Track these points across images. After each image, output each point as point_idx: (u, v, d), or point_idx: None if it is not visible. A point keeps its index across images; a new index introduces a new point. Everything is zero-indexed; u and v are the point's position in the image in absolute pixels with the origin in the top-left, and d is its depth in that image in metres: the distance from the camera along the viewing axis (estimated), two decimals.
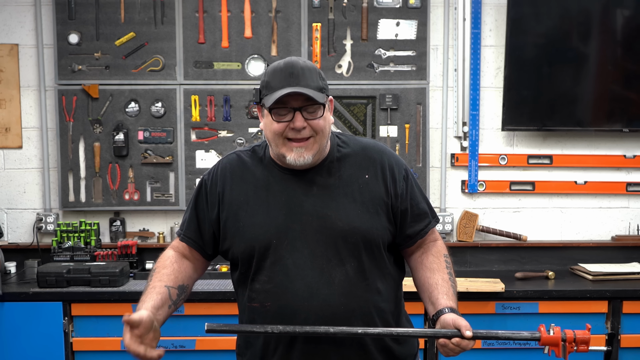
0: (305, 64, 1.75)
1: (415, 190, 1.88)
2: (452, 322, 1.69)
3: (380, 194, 1.81)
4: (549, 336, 1.68)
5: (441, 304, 1.76)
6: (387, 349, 1.83)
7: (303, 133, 1.72)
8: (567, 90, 3.60)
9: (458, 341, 1.66)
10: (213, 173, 1.88)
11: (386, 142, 3.60)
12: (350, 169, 1.82)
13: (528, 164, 3.69)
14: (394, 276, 1.88)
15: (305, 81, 1.71)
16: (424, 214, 1.88)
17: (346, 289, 1.75)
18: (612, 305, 3.16)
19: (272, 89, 1.72)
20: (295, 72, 1.71)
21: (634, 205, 3.74)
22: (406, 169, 1.89)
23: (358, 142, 1.89)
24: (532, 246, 3.70)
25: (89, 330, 3.14)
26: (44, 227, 3.63)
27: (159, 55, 3.57)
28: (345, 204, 1.78)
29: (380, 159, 1.85)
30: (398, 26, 3.58)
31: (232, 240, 1.82)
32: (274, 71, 1.75)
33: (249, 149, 1.91)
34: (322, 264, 1.75)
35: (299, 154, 1.73)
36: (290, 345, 1.78)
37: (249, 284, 1.81)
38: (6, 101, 3.64)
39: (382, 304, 1.81)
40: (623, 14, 3.57)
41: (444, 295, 1.78)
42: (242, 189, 1.82)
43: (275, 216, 1.77)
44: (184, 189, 3.60)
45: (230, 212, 1.82)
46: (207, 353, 3.13)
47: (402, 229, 1.86)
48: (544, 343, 1.69)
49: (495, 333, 1.74)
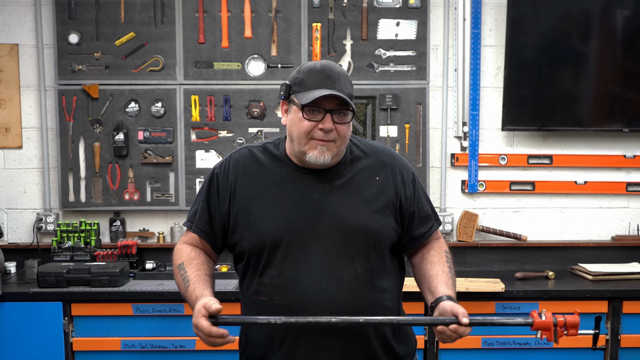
0: (342, 70, 1.82)
1: (421, 194, 1.97)
2: (450, 309, 1.73)
3: (390, 195, 1.87)
4: (541, 321, 1.73)
5: (440, 292, 1.81)
6: (388, 345, 1.87)
7: (330, 135, 1.76)
8: (567, 90, 3.60)
9: (455, 328, 1.71)
10: (225, 165, 1.89)
11: (386, 142, 3.60)
12: (362, 171, 1.87)
13: (528, 164, 3.69)
14: (397, 276, 1.94)
15: (340, 86, 1.77)
16: (428, 217, 1.96)
17: (354, 286, 1.80)
18: (612, 305, 3.17)
19: (306, 88, 1.76)
20: (333, 75, 1.77)
21: (634, 205, 3.74)
22: (413, 173, 1.97)
23: (369, 145, 1.95)
24: (532, 246, 3.70)
25: (89, 330, 3.14)
26: (44, 227, 3.63)
27: (159, 55, 3.57)
28: (357, 204, 1.82)
29: (391, 163, 1.92)
30: (398, 26, 3.58)
31: (242, 233, 1.84)
32: (311, 71, 1.78)
33: (260, 145, 1.93)
34: (332, 261, 1.79)
35: (321, 152, 1.77)
36: (296, 339, 1.80)
37: (257, 277, 1.83)
38: (6, 101, 3.64)
39: (387, 302, 1.86)
40: (623, 14, 3.56)
41: (443, 284, 1.84)
42: (255, 183, 1.85)
43: (288, 212, 1.80)
44: (184, 189, 3.60)
45: (241, 205, 1.84)
46: (207, 353, 3.12)
47: (408, 231, 1.92)
48: (537, 328, 1.74)
49: (491, 319, 1.81)
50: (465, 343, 3.13)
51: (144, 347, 3.13)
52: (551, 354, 3.18)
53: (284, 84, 1.83)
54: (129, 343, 3.13)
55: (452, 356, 3.17)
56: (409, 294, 3.03)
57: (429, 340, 3.14)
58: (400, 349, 1.90)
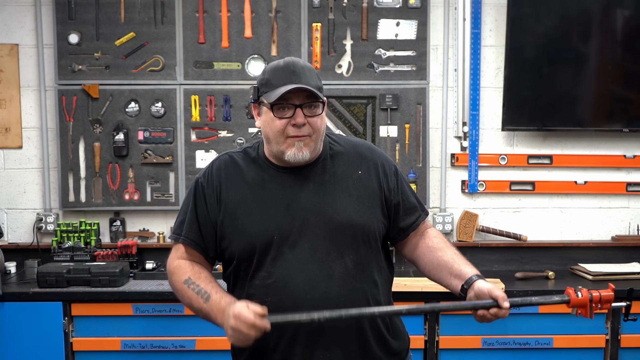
0: (305, 64, 1.82)
1: (405, 185, 1.97)
2: (489, 292, 1.73)
3: (374, 188, 1.88)
4: (578, 298, 1.77)
5: (467, 272, 1.82)
6: (384, 340, 1.88)
7: (303, 130, 1.77)
8: (567, 90, 3.60)
9: (496, 311, 1.72)
10: (208, 174, 1.89)
11: (386, 142, 3.60)
12: (343, 166, 1.88)
13: (528, 164, 3.69)
14: (387, 271, 1.94)
15: (307, 79, 1.77)
16: (414, 208, 1.96)
17: (346, 280, 1.80)
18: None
19: (273, 86, 1.77)
20: (297, 70, 1.77)
21: (634, 205, 3.74)
22: (395, 165, 1.97)
23: (348, 140, 1.96)
24: (532, 246, 3.70)
25: (89, 330, 3.14)
26: (44, 227, 3.63)
27: (159, 55, 3.57)
28: (342, 199, 1.83)
29: (372, 156, 1.92)
30: (398, 26, 3.58)
31: (230, 239, 1.84)
32: (275, 69, 1.80)
33: (240, 150, 1.94)
34: (322, 257, 1.79)
35: (299, 148, 1.77)
36: (292, 338, 1.79)
37: (248, 281, 1.83)
38: (6, 101, 3.64)
39: (378, 296, 1.86)
40: (623, 14, 3.56)
41: (465, 265, 1.85)
42: (238, 189, 1.85)
43: (274, 213, 1.80)
44: (184, 189, 3.60)
45: (227, 211, 1.84)
46: (207, 353, 3.13)
47: (395, 222, 1.93)
48: (574, 305, 1.78)
49: (530, 300, 1.82)
50: (465, 343, 3.16)
51: (144, 347, 3.13)
52: (551, 354, 3.17)
53: (252, 87, 1.84)
54: (129, 343, 3.13)
55: (452, 356, 3.17)
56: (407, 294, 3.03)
57: (429, 340, 3.14)
58: (395, 345, 1.91)
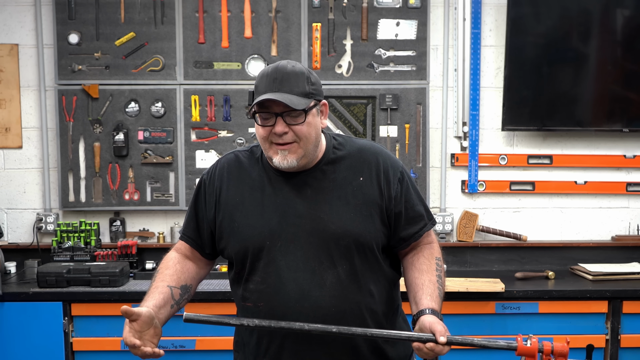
0: (293, 69, 1.73)
1: (411, 192, 1.87)
2: (429, 325, 1.66)
3: (374, 196, 1.80)
4: (526, 347, 1.62)
5: (423, 304, 1.74)
6: (379, 350, 1.83)
7: (285, 138, 1.71)
8: (567, 90, 3.60)
9: (432, 346, 1.63)
10: (211, 173, 1.89)
11: (386, 142, 3.60)
12: (344, 171, 1.81)
13: (528, 164, 3.69)
14: (389, 278, 1.87)
15: (289, 87, 1.70)
16: (419, 217, 1.87)
17: (337, 291, 1.75)
18: (612, 305, 3.16)
19: (258, 93, 1.73)
20: (279, 77, 1.71)
21: (634, 205, 3.74)
22: (402, 171, 1.87)
23: (354, 143, 1.88)
24: (532, 246, 3.70)
25: (89, 330, 3.14)
26: (44, 227, 3.63)
27: (159, 55, 3.57)
28: (339, 207, 1.78)
29: (376, 161, 1.84)
30: (398, 26, 3.58)
31: (227, 240, 1.83)
32: (262, 75, 1.75)
33: (247, 149, 1.91)
34: (314, 266, 1.75)
35: (283, 156, 1.73)
36: (281, 345, 1.78)
37: (243, 283, 1.83)
38: (6, 101, 3.64)
39: (374, 305, 1.81)
40: (623, 14, 3.56)
41: (428, 296, 1.76)
42: (238, 189, 1.83)
43: (269, 218, 1.78)
44: (184, 189, 3.60)
45: (225, 212, 1.83)
46: (207, 353, 3.13)
47: (396, 232, 1.85)
48: (520, 353, 1.64)
49: (471, 340, 1.70)
50: None
51: None
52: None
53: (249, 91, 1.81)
54: None
55: (452, 356, 3.16)
56: None
57: None
58: (393, 353, 1.85)
